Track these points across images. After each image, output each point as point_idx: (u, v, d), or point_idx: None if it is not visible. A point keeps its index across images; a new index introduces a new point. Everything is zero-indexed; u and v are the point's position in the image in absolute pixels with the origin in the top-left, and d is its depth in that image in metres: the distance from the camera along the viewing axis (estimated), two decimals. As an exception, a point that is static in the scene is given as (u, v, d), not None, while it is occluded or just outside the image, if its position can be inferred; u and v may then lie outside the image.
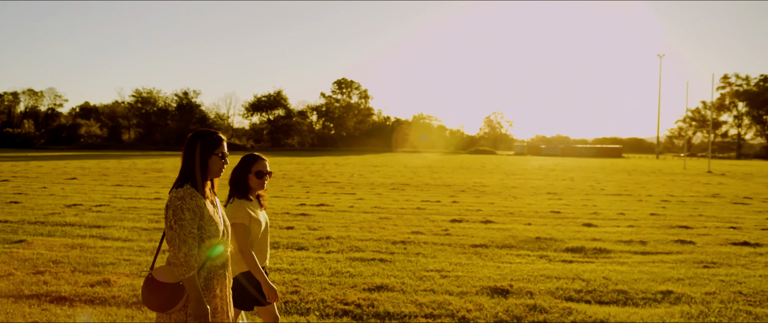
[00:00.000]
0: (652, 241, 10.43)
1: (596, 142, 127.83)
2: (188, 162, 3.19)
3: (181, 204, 3.04)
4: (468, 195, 19.13)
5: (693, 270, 8.12)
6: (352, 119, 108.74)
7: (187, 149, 3.21)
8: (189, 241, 3.02)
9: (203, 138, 3.24)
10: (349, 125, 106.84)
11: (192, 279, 3.02)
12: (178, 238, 3.00)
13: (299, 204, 15.17)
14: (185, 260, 2.99)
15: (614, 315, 5.98)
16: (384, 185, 22.64)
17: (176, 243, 3.00)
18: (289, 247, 9.22)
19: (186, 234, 3.01)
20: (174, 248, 3.01)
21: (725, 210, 16.08)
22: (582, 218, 13.42)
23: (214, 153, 3.24)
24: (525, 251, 9.34)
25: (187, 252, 2.99)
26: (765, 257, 9.20)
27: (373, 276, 7.38)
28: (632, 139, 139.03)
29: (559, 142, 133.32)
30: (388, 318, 5.78)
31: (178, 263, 2.99)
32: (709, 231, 11.78)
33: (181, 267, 2.99)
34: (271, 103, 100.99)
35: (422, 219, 12.80)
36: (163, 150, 79.94)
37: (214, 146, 3.25)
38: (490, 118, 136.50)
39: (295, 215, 12.92)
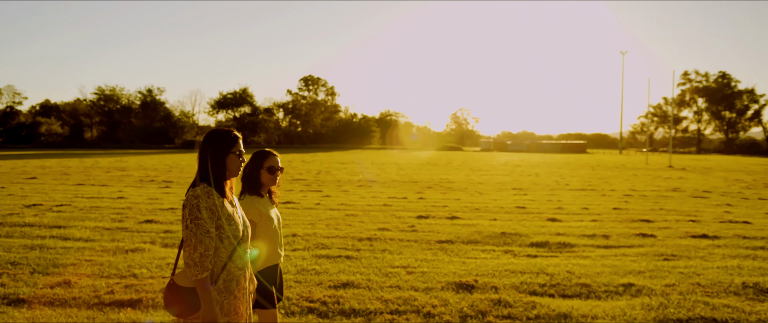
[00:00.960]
0: (614, 235, 10.60)
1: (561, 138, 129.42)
2: (205, 161, 3.14)
3: (197, 202, 2.98)
4: (434, 191, 19.23)
5: (653, 263, 8.28)
6: (319, 116, 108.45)
7: (204, 148, 3.15)
8: (205, 241, 2.96)
9: (220, 136, 3.18)
10: (316, 122, 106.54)
11: (204, 280, 2.97)
12: (194, 238, 2.94)
13: (265, 202, 15.09)
14: (200, 260, 2.94)
15: (577, 308, 6.07)
16: (351, 182, 22.63)
17: (192, 242, 2.94)
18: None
19: (202, 234, 2.95)
20: (189, 248, 2.95)
21: (685, 203, 16.43)
22: (547, 213, 13.59)
23: (232, 151, 3.18)
24: (490, 246, 9.42)
25: (202, 253, 2.94)
26: (722, 249, 9.42)
27: (339, 274, 7.38)
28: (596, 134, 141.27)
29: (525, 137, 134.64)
30: (354, 315, 5.79)
31: (194, 263, 2.94)
32: (669, 225, 12.03)
33: (195, 267, 2.94)
34: (236, 101, 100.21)
35: (389, 215, 12.83)
36: (127, 148, 78.72)
37: (231, 144, 3.19)
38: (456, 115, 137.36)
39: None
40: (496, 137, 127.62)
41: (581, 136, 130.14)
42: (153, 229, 10.50)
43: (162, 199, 15.39)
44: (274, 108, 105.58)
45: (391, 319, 5.68)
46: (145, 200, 15.18)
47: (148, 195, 16.65)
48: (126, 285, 6.63)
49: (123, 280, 6.89)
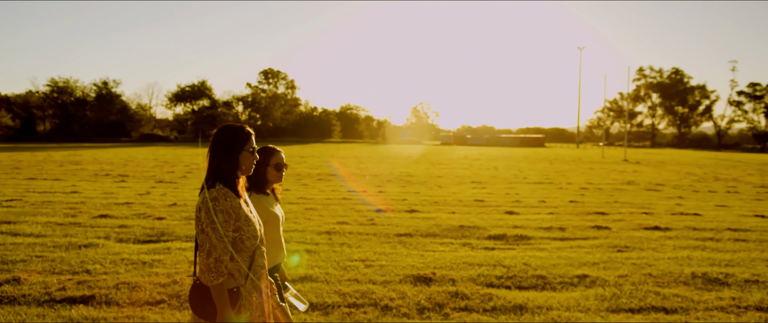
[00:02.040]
0: (570, 227, 10.78)
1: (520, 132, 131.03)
2: (218, 159, 2.99)
3: (213, 205, 2.85)
4: (394, 185, 19.27)
5: (607, 255, 8.45)
6: (279, 110, 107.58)
7: (215, 145, 3.01)
8: (220, 246, 2.84)
9: (232, 132, 3.04)
10: (275, 116, 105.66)
11: (220, 286, 2.86)
12: (209, 242, 2.83)
13: (224, 196, 14.92)
14: (215, 266, 2.82)
15: (532, 300, 6.17)
16: (310, 176, 22.54)
17: (206, 247, 2.83)
18: (212, 240, 9.06)
19: (218, 238, 2.83)
20: (203, 253, 2.84)
21: (639, 196, 16.79)
22: (504, 206, 13.74)
23: (245, 148, 3.04)
24: (448, 239, 9.49)
25: (217, 258, 2.83)
26: (674, 241, 9.66)
27: (297, 267, 7.35)
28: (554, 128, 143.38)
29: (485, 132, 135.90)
30: (311, 309, 5.77)
31: (208, 268, 2.83)
32: (623, 217, 12.28)
33: (210, 273, 2.82)
34: (195, 93, 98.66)
35: (348, 209, 12.82)
36: (82, 142, 76.91)
37: (245, 141, 3.05)
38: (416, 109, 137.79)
39: (219, 207, 12.70)
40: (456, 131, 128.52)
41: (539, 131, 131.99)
42: (108, 224, 10.30)
43: (117, 194, 15.10)
44: (233, 101, 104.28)
45: (348, 312, 5.69)
46: (100, 194, 14.88)
47: (103, 189, 16.32)
48: (78, 282, 6.49)
49: (75, 276, 6.75)
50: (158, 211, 11.88)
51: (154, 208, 12.35)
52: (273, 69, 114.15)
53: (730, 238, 9.96)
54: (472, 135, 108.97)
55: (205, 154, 3.07)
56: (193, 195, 15.02)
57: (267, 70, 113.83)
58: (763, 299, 6.32)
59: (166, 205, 12.82)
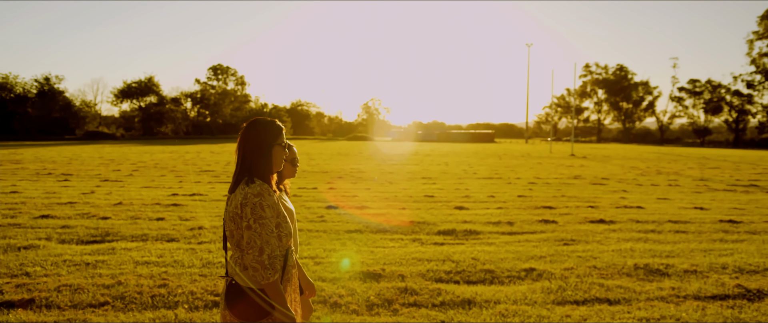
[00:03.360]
0: (518, 222, 10.95)
1: (470, 128, 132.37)
2: (252, 155, 2.91)
3: (259, 201, 2.77)
4: (345, 181, 19.25)
5: (554, 248, 8.61)
6: (229, 106, 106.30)
7: (248, 141, 2.94)
8: (272, 242, 2.78)
9: (264, 127, 2.97)
10: (225, 112, 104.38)
11: (276, 283, 2.80)
12: (259, 239, 2.74)
13: (171, 194, 14.65)
14: (270, 263, 2.75)
15: (481, 294, 6.24)
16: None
17: (257, 244, 2.74)
18: (158, 239, 8.89)
19: (268, 234, 2.76)
20: (254, 250, 2.74)
21: (585, 190, 17.16)
22: (454, 201, 13.86)
23: (278, 143, 2.98)
24: (398, 235, 9.52)
25: (270, 254, 2.76)
26: (617, 233, 9.91)
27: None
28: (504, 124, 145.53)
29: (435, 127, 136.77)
30: (260, 308, 5.72)
31: (262, 266, 2.74)
32: (570, 211, 12.53)
33: (266, 270, 2.74)
34: (142, 90, 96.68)
35: (298, 206, 12.73)
36: (23, 140, 74.52)
37: (277, 135, 2.99)
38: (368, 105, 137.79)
39: (166, 206, 12.48)
40: (407, 127, 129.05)
41: (489, 126, 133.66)
42: (49, 225, 10.00)
43: (60, 193, 14.68)
44: (181, 97, 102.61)
45: (297, 310, 5.65)
46: (42, 194, 14.44)
47: (44, 189, 15.84)
48: (17, 285, 6.28)
49: (14, 279, 6.53)
50: (103, 211, 11.60)
51: (99, 208, 12.05)
52: (222, 65, 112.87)
53: (671, 230, 10.27)
54: (423, 131, 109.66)
55: (234, 151, 3.01)
56: (140, 193, 14.70)
57: (216, 66, 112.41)
58: (700, 288, 6.54)
59: (111, 205, 12.53)
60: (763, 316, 5.68)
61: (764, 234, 10.05)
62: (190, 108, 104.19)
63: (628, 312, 5.76)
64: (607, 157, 40.60)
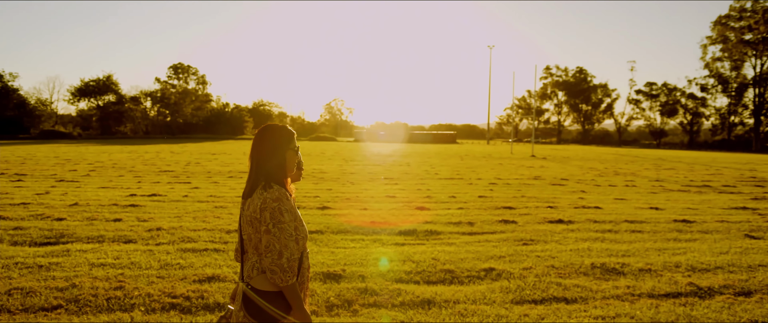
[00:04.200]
0: (479, 222, 11.04)
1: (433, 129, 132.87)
2: (267, 159, 3.00)
3: (278, 205, 2.85)
4: (306, 181, 19.17)
5: (513, 248, 8.70)
6: (190, 106, 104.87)
7: (262, 146, 3.02)
8: (291, 245, 2.85)
9: (277, 132, 3.06)
10: (186, 112, 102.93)
11: (294, 285, 2.88)
12: (278, 243, 2.82)
13: (129, 194, 14.40)
14: (289, 266, 2.82)
15: (440, 294, 6.28)
16: (221, 173, 22.09)
17: (277, 248, 2.81)
18: (115, 241, 8.73)
19: (287, 237, 2.84)
20: (273, 253, 2.82)
21: (545, 191, 17.39)
22: (416, 202, 13.91)
23: (291, 148, 3.07)
24: (359, 236, 9.52)
25: (289, 257, 2.83)
26: (576, 233, 10.07)
27: (205, 267, 7.19)
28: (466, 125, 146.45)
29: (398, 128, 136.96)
30: (218, 309, 5.66)
31: (281, 269, 2.81)
32: (529, 211, 12.68)
33: (285, 273, 2.82)
34: (100, 88, 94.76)
35: (259, 207, 12.63)
36: (-25, 139, 72.44)
37: (290, 140, 3.08)
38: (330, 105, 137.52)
39: (124, 206, 12.26)
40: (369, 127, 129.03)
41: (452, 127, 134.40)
42: (1, 226, 9.74)
43: (13, 194, 14.31)
44: (141, 96, 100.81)
45: (256, 312, 5.61)
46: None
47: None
48: (-34, 287, 6.11)
49: (-37, 282, 6.35)
50: (58, 212, 11.34)
51: (54, 209, 11.78)
52: (183, 64, 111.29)
53: (627, 230, 10.47)
54: (386, 131, 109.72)
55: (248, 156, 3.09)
56: (97, 194, 14.41)
57: (177, 65, 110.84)
58: (654, 287, 6.68)
59: (66, 205, 12.26)
60: (713, 313, 5.83)
61: (716, 233, 10.32)
62: (150, 107, 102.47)
63: (584, 310, 5.86)
64: (566, 158, 41.21)
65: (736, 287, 6.77)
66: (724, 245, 9.21)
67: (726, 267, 7.69)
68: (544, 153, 51.97)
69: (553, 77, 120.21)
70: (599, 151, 62.19)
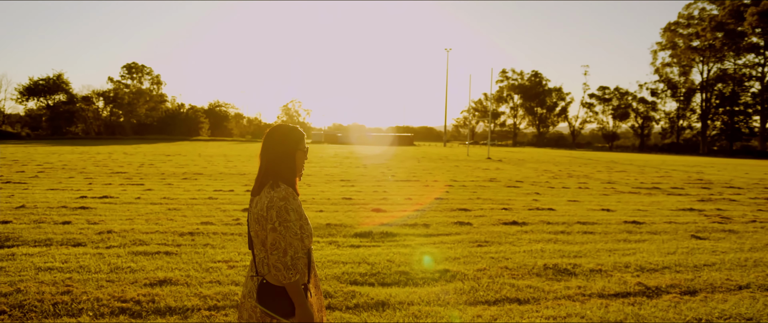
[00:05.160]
0: (434, 224, 11.10)
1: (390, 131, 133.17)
2: (277, 159, 3.08)
3: (284, 204, 2.94)
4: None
5: (468, 250, 8.78)
6: (144, 106, 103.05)
7: (272, 146, 3.10)
8: (295, 243, 2.94)
9: (288, 133, 3.14)
10: (140, 112, 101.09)
11: (297, 283, 2.94)
12: (283, 241, 2.90)
13: (79, 196, 14.06)
14: (293, 263, 2.91)
15: (395, 296, 6.29)
16: (176, 175, 21.75)
17: (281, 246, 2.89)
18: (63, 244, 8.51)
19: (291, 236, 2.93)
20: (278, 251, 2.89)
21: (500, 193, 17.58)
22: (372, 204, 13.92)
23: (299, 148, 3.15)
24: (315, 238, 9.47)
25: (293, 255, 2.91)
26: (529, 235, 10.20)
27: (157, 271, 7.06)
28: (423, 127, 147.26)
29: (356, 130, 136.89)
30: (170, 313, 5.57)
31: (285, 267, 2.89)
32: (484, 213, 12.80)
33: (288, 270, 2.89)
34: (50, 88, 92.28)
35: (213, 209, 12.49)
36: None
37: (300, 141, 3.16)
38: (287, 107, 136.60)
39: (73, 209, 11.96)
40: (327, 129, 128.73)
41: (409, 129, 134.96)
42: (-58, 229, 9.41)
43: (-44, 196, 13.84)
44: (93, 96, 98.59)
45: (208, 315, 5.54)
46: (-65, 197, 13.57)
47: (-61, 191, 14.89)
48: None
49: None
50: (3, 214, 11.01)
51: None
52: (137, 63, 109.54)
53: (580, 231, 10.66)
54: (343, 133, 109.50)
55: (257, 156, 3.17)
56: (45, 196, 14.03)
57: (130, 65, 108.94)
58: (604, 287, 6.82)
59: (12, 208, 11.90)
60: (660, 312, 5.98)
61: (664, 234, 10.58)
62: (103, 107, 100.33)
63: (536, 311, 5.94)
64: (521, 161, 41.76)
65: (682, 286, 6.96)
66: (671, 245, 9.45)
67: (673, 267, 7.89)
68: (500, 155, 52.57)
69: (509, 81, 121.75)
70: (554, 154, 63.21)
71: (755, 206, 15.55)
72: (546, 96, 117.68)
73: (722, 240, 10.12)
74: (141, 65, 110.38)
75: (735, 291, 6.88)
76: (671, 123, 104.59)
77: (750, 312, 6.03)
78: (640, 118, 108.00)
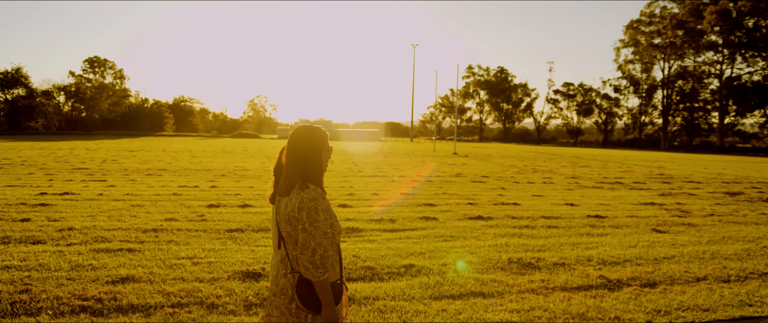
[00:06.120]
0: (400, 219, 11.13)
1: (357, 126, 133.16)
2: (304, 160, 3.11)
3: (314, 205, 2.97)
4: (228, 179, 18.85)
5: (433, 244, 8.82)
6: (107, 101, 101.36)
7: (298, 146, 3.13)
8: (324, 243, 2.98)
9: (313, 133, 3.18)
10: (102, 107, 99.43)
11: (325, 281, 2.98)
12: (313, 241, 2.95)
13: (39, 193, 13.76)
14: (321, 262, 2.95)
15: (360, 291, 6.30)
16: (139, 171, 21.43)
17: (311, 245, 2.95)
18: (22, 242, 8.32)
19: (321, 236, 2.96)
20: (308, 251, 2.95)
21: (466, 188, 17.70)
22: (338, 199, 13.89)
23: (324, 148, 3.20)
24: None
25: (322, 255, 2.96)
26: (494, 229, 10.30)
27: (119, 268, 6.96)
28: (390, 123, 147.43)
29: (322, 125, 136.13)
30: (132, 311, 5.50)
31: (314, 266, 2.94)
32: (450, 208, 12.88)
33: (318, 269, 2.94)
34: (8, 82, 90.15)
35: (178, 205, 12.34)
36: None
37: (324, 140, 3.20)
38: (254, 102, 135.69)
39: (33, 206, 11.71)
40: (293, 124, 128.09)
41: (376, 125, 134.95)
42: None
43: None
44: (53, 91, 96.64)
45: (172, 312, 5.48)
46: None
47: None
48: None
49: None
50: (-41, 211, 10.73)
51: (-45, 208, 11.14)
52: (99, 57, 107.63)
53: (544, 225, 10.80)
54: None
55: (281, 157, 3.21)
56: (3, 192, 13.70)
57: (92, 58, 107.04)
58: (567, 280, 6.93)
59: (-31, 205, 11.61)
60: (621, 304, 6.09)
61: (626, 228, 10.77)
62: (64, 102, 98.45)
63: (500, 304, 6.00)
64: (487, 156, 42.10)
65: (642, 279, 7.10)
66: (632, 239, 9.63)
67: (634, 260, 8.05)
68: (466, 150, 52.92)
69: (475, 76, 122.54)
70: (519, 149, 63.87)
71: (713, 200, 15.93)
72: (512, 92, 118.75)
73: (681, 234, 10.35)
74: (103, 59, 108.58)
75: (693, 282, 7.04)
76: (634, 119, 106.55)
77: (707, 303, 6.18)
78: (603, 114, 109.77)
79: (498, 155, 44.22)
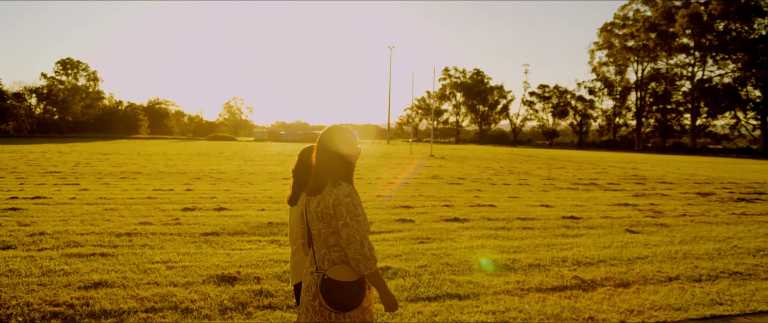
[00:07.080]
0: (377, 221, 11.13)
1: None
2: (335, 159, 3.17)
3: (351, 200, 3.04)
4: (203, 182, 18.70)
5: (410, 246, 8.84)
6: (80, 103, 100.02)
7: (329, 146, 3.19)
8: (367, 235, 3.07)
9: (343, 133, 3.24)
10: (75, 110, 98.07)
11: (377, 271, 3.09)
12: (358, 234, 3.01)
13: (10, 197, 13.54)
14: (370, 254, 3.03)
15: (336, 294, 6.28)
16: (113, 174, 21.18)
17: (358, 239, 3.01)
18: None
19: (363, 229, 3.04)
20: (355, 245, 3.01)
21: (442, 190, 17.76)
22: (315, 202, 13.84)
23: (353, 147, 3.26)
24: (256, 237, 9.39)
25: (369, 246, 3.03)
26: (470, 231, 10.34)
27: (92, 273, 6.87)
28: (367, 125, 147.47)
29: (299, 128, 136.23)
30: (105, 317, 5.42)
31: (365, 258, 3.01)
32: (427, 210, 12.91)
33: (368, 261, 3.02)
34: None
35: (152, 208, 12.22)
36: None
37: (354, 140, 3.27)
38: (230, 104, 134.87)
39: (3, 210, 11.52)
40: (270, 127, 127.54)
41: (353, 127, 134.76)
42: None
43: None
44: (25, 93, 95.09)
45: (146, 318, 5.42)
46: None
47: None
48: None
49: None
50: (-73, 216, 10.52)
51: None
52: (72, 59, 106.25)
53: (519, 227, 10.87)
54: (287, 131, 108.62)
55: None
56: (-28, 197, 13.47)
57: (65, 60, 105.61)
58: (542, 281, 6.98)
59: (-63, 209, 11.38)
60: (595, 304, 6.15)
61: (600, 229, 10.89)
62: (36, 104, 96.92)
63: (476, 306, 6.03)
64: (464, 158, 42.28)
65: (616, 279, 7.18)
66: (607, 240, 9.73)
67: (608, 261, 8.13)
68: (443, 152, 53.09)
69: (451, 79, 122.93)
70: (495, 151, 64.24)
71: (685, 201, 16.16)
72: (488, 94, 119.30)
73: (654, 234, 10.48)
74: (76, 61, 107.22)
75: (665, 282, 7.13)
76: (608, 120, 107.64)
77: (679, 303, 6.27)
78: (578, 116, 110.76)
79: (474, 157, 44.43)
